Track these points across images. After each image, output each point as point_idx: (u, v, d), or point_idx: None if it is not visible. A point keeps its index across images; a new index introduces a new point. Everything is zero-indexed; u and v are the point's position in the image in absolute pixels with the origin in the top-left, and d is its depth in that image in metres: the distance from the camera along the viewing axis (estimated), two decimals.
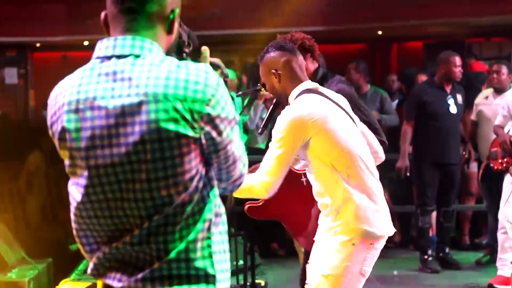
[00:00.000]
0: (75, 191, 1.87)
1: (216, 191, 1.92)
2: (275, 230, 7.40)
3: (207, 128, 1.82)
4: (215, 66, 2.09)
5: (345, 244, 3.11)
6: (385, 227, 3.18)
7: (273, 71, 3.32)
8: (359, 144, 3.19)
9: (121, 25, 1.87)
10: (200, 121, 1.81)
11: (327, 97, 3.24)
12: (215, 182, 1.93)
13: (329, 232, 3.17)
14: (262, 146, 7.26)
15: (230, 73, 8.14)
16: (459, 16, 10.25)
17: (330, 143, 3.12)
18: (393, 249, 7.66)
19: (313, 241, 3.30)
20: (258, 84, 4.61)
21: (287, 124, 3.13)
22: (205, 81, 1.82)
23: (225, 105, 1.86)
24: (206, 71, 1.85)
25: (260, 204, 3.62)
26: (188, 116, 1.79)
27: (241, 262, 5.53)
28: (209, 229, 1.86)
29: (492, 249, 7.01)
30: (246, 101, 7.46)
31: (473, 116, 7.09)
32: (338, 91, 3.49)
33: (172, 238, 1.81)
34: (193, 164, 1.83)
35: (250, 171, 3.78)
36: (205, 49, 2.10)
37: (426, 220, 6.74)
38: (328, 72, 4.05)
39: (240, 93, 5.70)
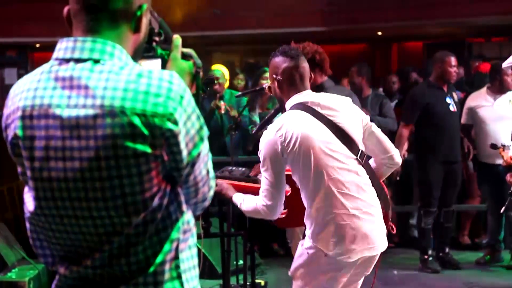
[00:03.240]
0: (29, 200, 1.74)
1: (184, 207, 1.78)
2: (275, 230, 7.40)
3: (168, 144, 1.66)
4: (187, 57, 1.93)
5: (303, 251, 3.22)
6: (345, 253, 3.15)
7: (273, 76, 3.33)
8: (335, 165, 3.16)
9: (82, 24, 1.72)
10: (160, 137, 1.64)
11: (314, 111, 3.22)
12: (183, 198, 1.78)
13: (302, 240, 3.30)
14: None
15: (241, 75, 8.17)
16: (460, 16, 10.26)
17: (299, 164, 3.15)
18: (393, 249, 7.66)
19: None
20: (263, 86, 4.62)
21: (264, 147, 3.20)
22: (167, 93, 1.65)
23: (187, 120, 1.69)
24: (170, 81, 1.67)
25: (286, 214, 3.63)
26: (147, 132, 1.63)
27: (241, 262, 5.52)
28: (177, 248, 1.74)
29: (492, 249, 7.02)
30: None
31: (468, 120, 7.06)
32: None
33: (135, 260, 1.69)
34: (154, 182, 1.68)
35: (255, 173, 3.79)
36: (176, 38, 1.91)
37: (428, 221, 6.73)
38: (327, 86, 4.05)
39: (239, 93, 5.70)
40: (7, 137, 1.75)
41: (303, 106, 3.23)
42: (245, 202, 3.37)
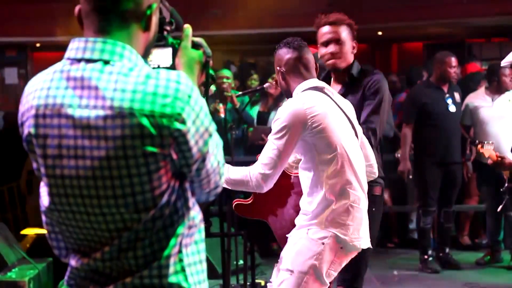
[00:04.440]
0: (44, 194, 1.81)
1: (190, 203, 1.83)
2: None
3: (177, 143, 1.71)
4: (197, 46, 1.98)
5: (315, 242, 3.11)
6: (359, 238, 3.14)
7: (277, 68, 3.34)
8: (352, 150, 3.16)
9: (93, 24, 1.77)
10: (168, 137, 1.69)
11: (330, 97, 3.23)
12: (189, 193, 1.84)
13: (301, 229, 3.18)
14: None
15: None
16: (459, 17, 10.26)
17: (323, 142, 3.10)
18: (393, 249, 7.66)
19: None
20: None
21: (287, 116, 3.11)
22: (174, 94, 1.69)
23: (196, 118, 1.73)
24: (178, 81, 1.71)
25: (250, 202, 3.61)
26: (155, 133, 1.67)
27: (241, 261, 5.53)
28: (181, 243, 1.79)
29: (492, 250, 7.01)
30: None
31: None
32: (374, 81, 3.68)
33: (142, 253, 1.75)
34: (163, 180, 1.73)
35: None
36: (187, 27, 1.97)
37: (427, 220, 6.73)
38: (365, 67, 4.09)
39: (240, 93, 5.71)
40: (22, 134, 1.81)
41: (321, 90, 3.23)
42: (231, 171, 3.23)
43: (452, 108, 6.66)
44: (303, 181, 3.23)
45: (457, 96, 6.78)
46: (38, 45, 12.16)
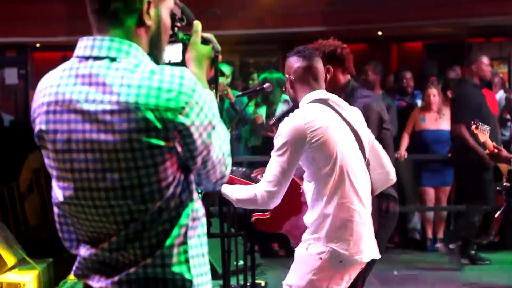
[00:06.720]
0: (56, 188, 1.88)
1: (194, 195, 1.89)
2: None
3: (181, 136, 1.77)
4: (206, 41, 2.04)
5: (313, 257, 3.10)
6: (359, 252, 3.10)
7: (286, 75, 3.33)
8: (354, 164, 3.13)
9: (95, 25, 1.86)
10: (173, 130, 1.76)
11: (335, 109, 3.20)
12: (194, 186, 1.90)
13: (303, 244, 3.17)
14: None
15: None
16: (459, 17, 10.26)
17: (322, 155, 3.08)
18: (393, 249, 7.66)
19: None
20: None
21: (287, 132, 3.11)
22: (178, 88, 1.76)
23: (200, 112, 1.79)
24: (182, 76, 1.78)
25: (268, 216, 3.60)
26: (160, 126, 1.74)
27: (241, 262, 5.52)
28: (185, 234, 1.84)
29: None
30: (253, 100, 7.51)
31: None
32: (364, 107, 3.50)
33: (148, 243, 1.80)
34: (169, 172, 1.80)
35: (256, 174, 3.77)
36: (197, 23, 2.04)
37: (477, 217, 6.85)
38: (355, 86, 3.98)
39: (239, 94, 5.71)
40: (34, 129, 1.88)
41: (325, 102, 3.20)
42: (238, 191, 3.26)
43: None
44: (307, 193, 3.21)
45: None
46: (38, 45, 12.16)
